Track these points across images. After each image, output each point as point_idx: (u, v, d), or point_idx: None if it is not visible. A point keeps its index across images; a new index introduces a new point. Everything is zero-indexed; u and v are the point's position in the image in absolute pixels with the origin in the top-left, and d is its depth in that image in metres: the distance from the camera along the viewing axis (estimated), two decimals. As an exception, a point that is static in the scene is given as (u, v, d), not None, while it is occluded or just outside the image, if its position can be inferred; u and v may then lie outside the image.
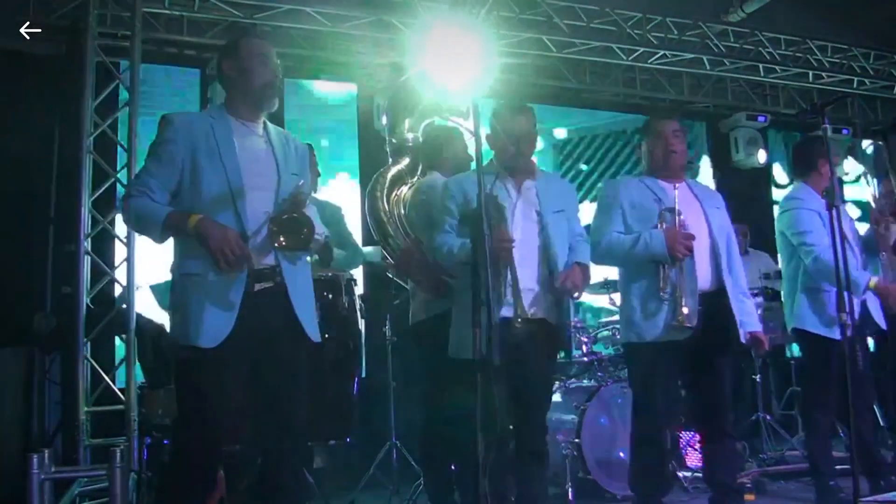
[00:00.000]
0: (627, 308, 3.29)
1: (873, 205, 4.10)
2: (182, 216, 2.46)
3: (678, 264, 3.15)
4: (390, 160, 3.82)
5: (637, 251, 3.20)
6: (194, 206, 2.50)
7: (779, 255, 4.02)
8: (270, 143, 2.65)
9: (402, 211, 3.98)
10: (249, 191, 2.52)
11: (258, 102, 2.65)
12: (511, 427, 3.02)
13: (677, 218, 3.21)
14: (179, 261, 2.55)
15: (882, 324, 3.88)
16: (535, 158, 3.29)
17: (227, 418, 2.47)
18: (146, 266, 4.50)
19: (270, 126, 2.72)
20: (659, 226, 3.21)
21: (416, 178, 3.84)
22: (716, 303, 3.21)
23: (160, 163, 2.54)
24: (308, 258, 2.72)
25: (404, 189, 4.01)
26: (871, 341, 4.10)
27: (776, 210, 4.23)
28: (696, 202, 3.34)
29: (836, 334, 3.57)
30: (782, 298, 4.09)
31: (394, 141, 3.80)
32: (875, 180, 3.81)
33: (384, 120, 3.90)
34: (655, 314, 3.17)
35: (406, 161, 4.01)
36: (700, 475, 4.20)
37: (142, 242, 4.47)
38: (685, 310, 3.13)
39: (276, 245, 2.47)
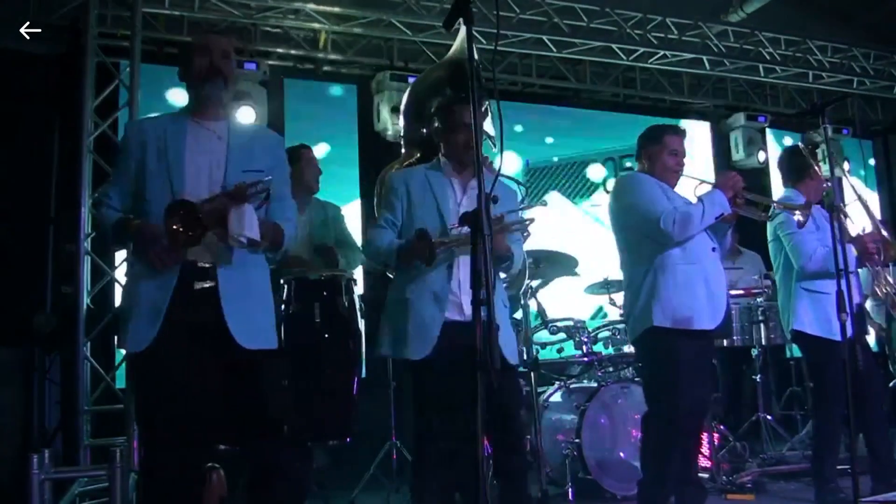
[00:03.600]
0: (654, 291, 3.31)
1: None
2: (125, 224, 2.53)
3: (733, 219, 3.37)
4: (403, 152, 3.81)
5: (706, 212, 3.29)
6: (143, 208, 2.54)
7: (772, 260, 4.03)
8: (228, 141, 2.62)
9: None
10: (191, 190, 2.50)
11: (202, 91, 2.63)
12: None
13: None
14: (131, 259, 2.64)
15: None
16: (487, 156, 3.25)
17: (172, 420, 2.44)
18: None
19: (238, 124, 2.73)
20: None
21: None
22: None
23: (117, 171, 2.65)
24: (266, 259, 2.68)
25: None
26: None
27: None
28: None
29: (836, 335, 3.58)
30: (778, 302, 4.08)
31: (410, 136, 3.79)
32: None
33: (400, 117, 3.89)
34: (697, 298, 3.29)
35: (417, 156, 4.00)
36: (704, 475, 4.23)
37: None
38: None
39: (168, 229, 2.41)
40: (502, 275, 3.14)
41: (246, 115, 5.51)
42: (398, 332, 2.94)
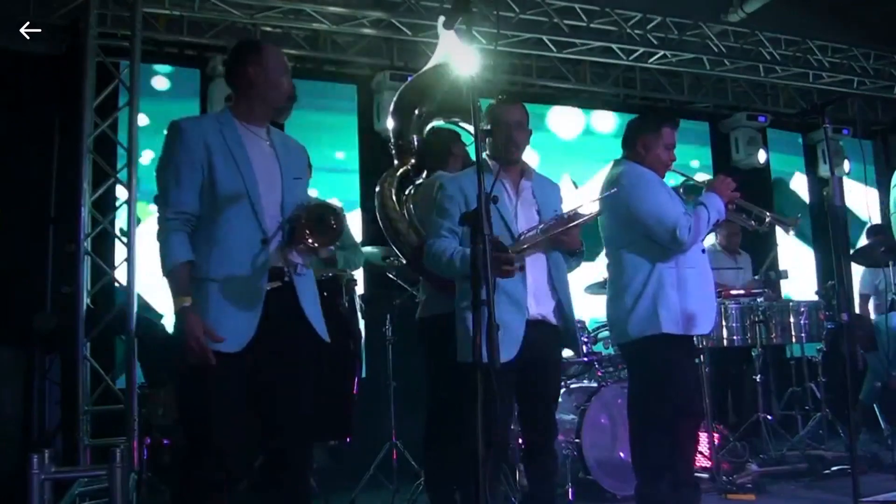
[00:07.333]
0: (660, 296, 3.25)
1: None
2: (178, 284, 2.44)
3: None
4: (395, 161, 3.81)
5: (710, 220, 3.26)
6: (212, 208, 2.50)
7: None
8: (274, 147, 2.66)
9: (412, 209, 3.95)
10: (263, 194, 2.54)
11: (278, 112, 2.71)
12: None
13: None
14: (199, 263, 2.50)
15: None
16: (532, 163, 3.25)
17: (243, 421, 2.47)
18: (146, 266, 4.50)
19: (274, 130, 2.72)
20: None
21: (421, 179, 3.84)
22: None
23: (182, 171, 2.50)
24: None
25: (412, 189, 4.00)
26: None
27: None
28: None
29: None
30: None
31: (400, 143, 3.79)
32: None
33: (389, 122, 3.88)
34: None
35: (412, 161, 4.01)
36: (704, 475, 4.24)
37: (142, 242, 4.47)
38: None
39: (308, 244, 2.50)
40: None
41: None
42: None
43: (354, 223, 5.42)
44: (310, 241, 2.50)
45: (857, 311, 6.42)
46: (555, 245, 3.05)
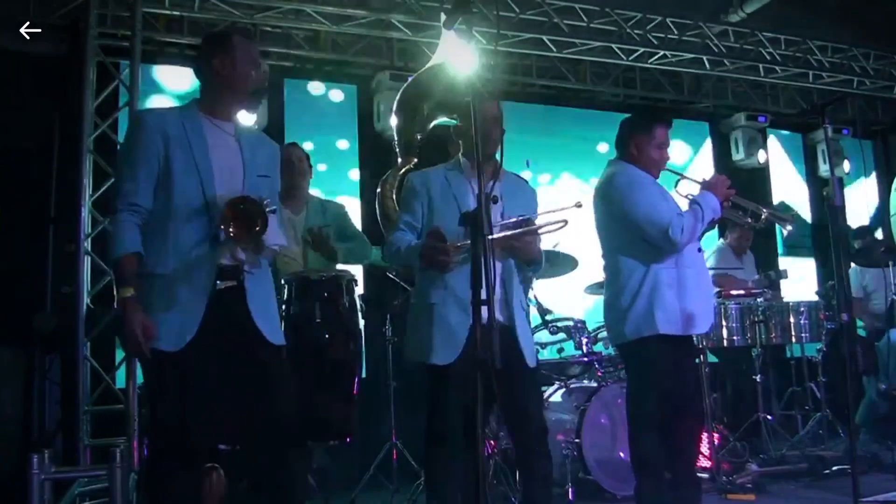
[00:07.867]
0: (656, 297, 3.21)
1: None
2: (122, 275, 2.42)
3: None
4: (399, 160, 3.80)
5: (705, 219, 3.22)
6: (166, 200, 2.46)
7: None
8: (240, 143, 2.61)
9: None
10: (220, 193, 2.48)
11: (246, 104, 2.65)
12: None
13: None
14: (147, 257, 2.47)
15: None
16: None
17: (198, 422, 2.42)
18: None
19: (242, 126, 2.69)
20: None
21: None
22: None
23: (138, 164, 2.48)
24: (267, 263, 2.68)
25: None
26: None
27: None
28: None
29: None
30: None
31: (403, 141, 3.80)
32: None
33: (392, 120, 3.88)
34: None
35: (415, 161, 4.01)
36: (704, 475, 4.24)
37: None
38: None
39: (222, 228, 2.40)
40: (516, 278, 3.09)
41: (246, 115, 5.50)
42: (424, 338, 2.91)
43: (354, 223, 5.40)
44: (231, 231, 2.40)
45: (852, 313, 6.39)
46: (509, 251, 2.96)
